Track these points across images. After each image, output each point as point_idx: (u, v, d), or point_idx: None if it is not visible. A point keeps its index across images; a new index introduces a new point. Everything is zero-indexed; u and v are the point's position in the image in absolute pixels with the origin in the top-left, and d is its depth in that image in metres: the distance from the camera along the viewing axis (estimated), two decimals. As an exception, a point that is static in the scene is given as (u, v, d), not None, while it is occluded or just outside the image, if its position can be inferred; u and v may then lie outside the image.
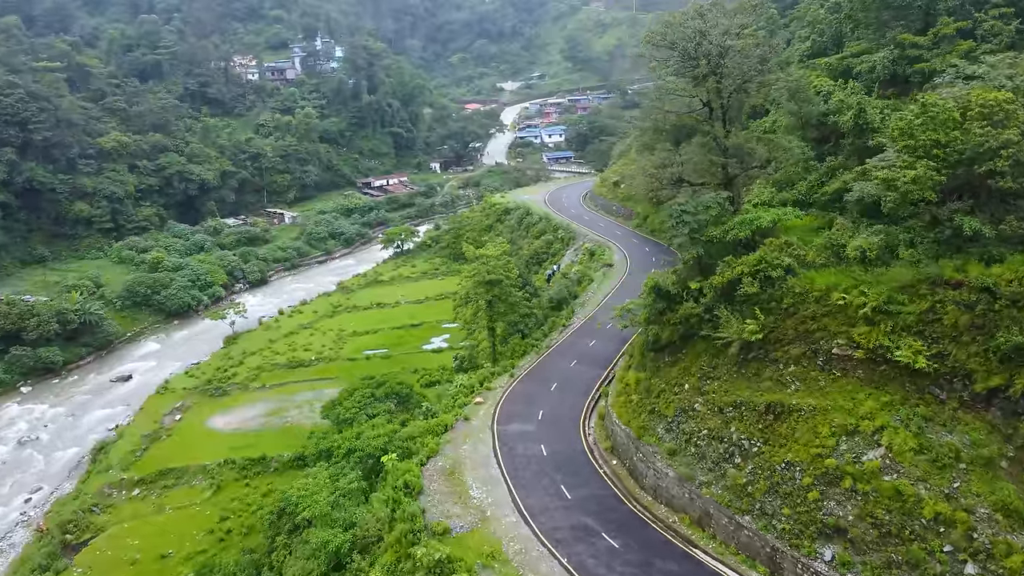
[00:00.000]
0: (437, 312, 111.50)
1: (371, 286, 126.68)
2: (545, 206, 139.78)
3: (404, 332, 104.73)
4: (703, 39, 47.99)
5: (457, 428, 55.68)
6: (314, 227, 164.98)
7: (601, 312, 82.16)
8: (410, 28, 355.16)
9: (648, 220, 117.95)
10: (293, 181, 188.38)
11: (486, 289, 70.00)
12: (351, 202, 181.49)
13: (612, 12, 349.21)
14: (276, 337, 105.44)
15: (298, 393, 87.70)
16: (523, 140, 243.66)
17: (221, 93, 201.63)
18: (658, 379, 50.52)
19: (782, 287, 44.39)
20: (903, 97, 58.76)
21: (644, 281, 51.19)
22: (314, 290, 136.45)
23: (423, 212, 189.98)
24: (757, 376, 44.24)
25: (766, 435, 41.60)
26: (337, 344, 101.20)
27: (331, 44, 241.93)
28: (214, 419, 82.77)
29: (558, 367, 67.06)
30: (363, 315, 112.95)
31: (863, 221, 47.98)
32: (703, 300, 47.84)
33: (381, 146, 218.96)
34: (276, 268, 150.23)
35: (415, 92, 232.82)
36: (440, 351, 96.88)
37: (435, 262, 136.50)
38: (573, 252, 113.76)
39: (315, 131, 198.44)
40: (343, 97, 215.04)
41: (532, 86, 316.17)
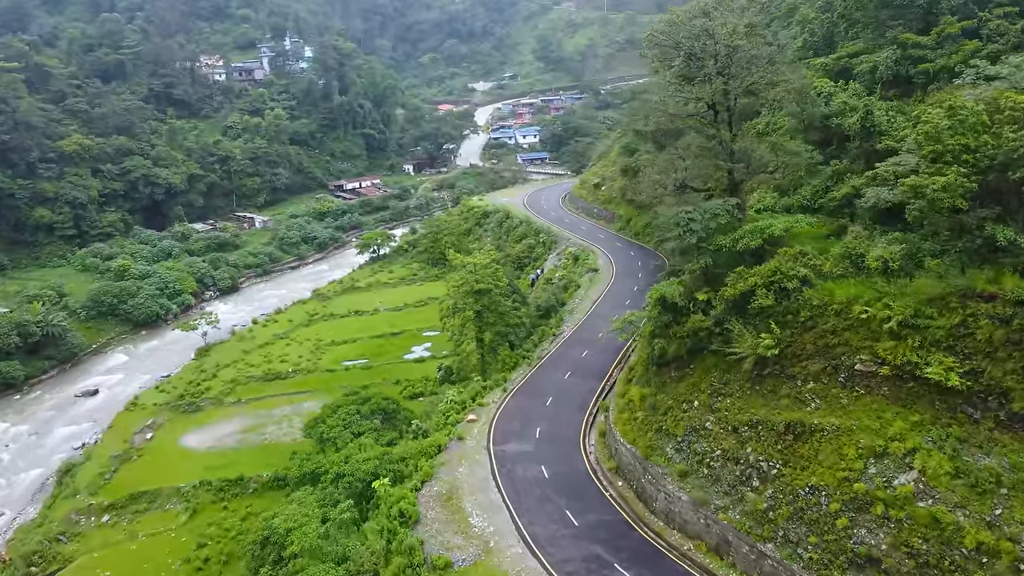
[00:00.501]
0: (417, 319, 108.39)
1: (348, 293, 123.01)
2: (525, 209, 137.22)
3: (384, 341, 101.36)
4: (710, 39, 45.65)
5: (451, 449, 52.82)
6: (286, 231, 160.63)
7: (591, 320, 79.88)
8: (379, 28, 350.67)
9: (631, 223, 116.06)
10: (263, 184, 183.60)
11: (475, 299, 67.15)
12: (323, 205, 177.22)
13: (583, 12, 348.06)
14: (250, 348, 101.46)
15: (276, 408, 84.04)
16: (497, 141, 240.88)
17: (187, 94, 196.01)
18: (664, 395, 48.16)
19: (798, 299, 42.23)
20: (906, 98, 57.11)
21: (648, 292, 48.71)
22: (287, 297, 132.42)
23: (397, 215, 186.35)
24: (773, 393, 42.03)
25: (786, 457, 39.40)
26: (315, 355, 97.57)
27: (300, 44, 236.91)
28: (188, 437, 78.84)
29: (552, 380, 64.48)
30: (340, 324, 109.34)
31: (876, 228, 46.12)
32: (713, 312, 45.55)
33: (353, 148, 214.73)
34: (247, 274, 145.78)
35: (387, 93, 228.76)
36: (422, 361, 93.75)
37: (413, 267, 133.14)
38: (556, 256, 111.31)
39: (285, 133, 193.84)
40: (313, 98, 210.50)
41: (504, 86, 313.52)
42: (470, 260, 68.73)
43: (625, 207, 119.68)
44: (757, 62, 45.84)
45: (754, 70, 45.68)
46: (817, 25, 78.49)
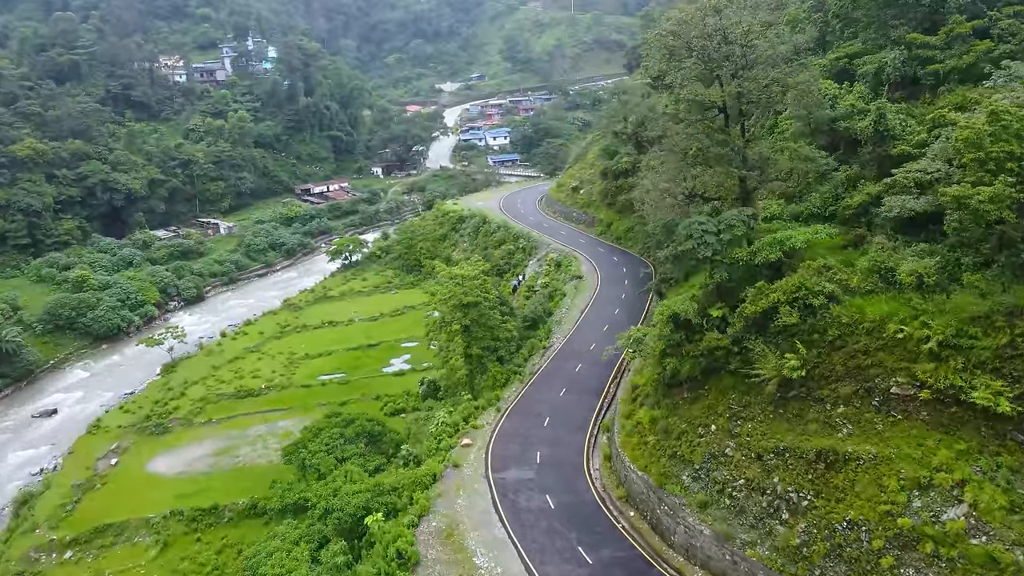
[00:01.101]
0: (395, 330, 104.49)
1: (320, 302, 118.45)
2: (501, 213, 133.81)
3: (360, 353, 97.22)
4: (723, 38, 42.74)
5: (447, 477, 49.30)
6: (252, 238, 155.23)
7: (580, 330, 76.92)
8: (343, 28, 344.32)
9: (612, 228, 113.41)
10: (228, 189, 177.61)
11: (463, 313, 63.62)
12: (291, 210, 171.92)
13: (550, 12, 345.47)
14: (220, 363, 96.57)
15: (250, 427, 79.56)
16: (467, 143, 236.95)
17: (146, 96, 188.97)
18: (677, 418, 45.20)
19: (825, 317, 39.60)
20: (913, 101, 55.02)
21: (657, 309, 45.70)
22: (256, 306, 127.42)
23: (367, 219, 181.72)
24: (799, 418, 39.31)
25: (818, 487, 36.64)
26: (288, 369, 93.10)
27: (263, 44, 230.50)
28: (156, 462, 74.08)
29: (547, 398, 61.27)
30: (314, 335, 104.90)
31: (897, 238, 43.71)
32: (730, 330, 42.72)
33: (320, 150, 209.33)
34: (213, 283, 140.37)
35: (354, 94, 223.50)
36: (402, 374, 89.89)
37: (387, 274, 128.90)
38: (537, 262, 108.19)
39: (249, 135, 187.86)
40: (278, 99, 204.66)
41: (472, 87, 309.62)
42: (457, 272, 65.17)
43: (605, 211, 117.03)
44: (774, 63, 43.04)
45: (771, 71, 42.88)
46: (808, 25, 76.35)
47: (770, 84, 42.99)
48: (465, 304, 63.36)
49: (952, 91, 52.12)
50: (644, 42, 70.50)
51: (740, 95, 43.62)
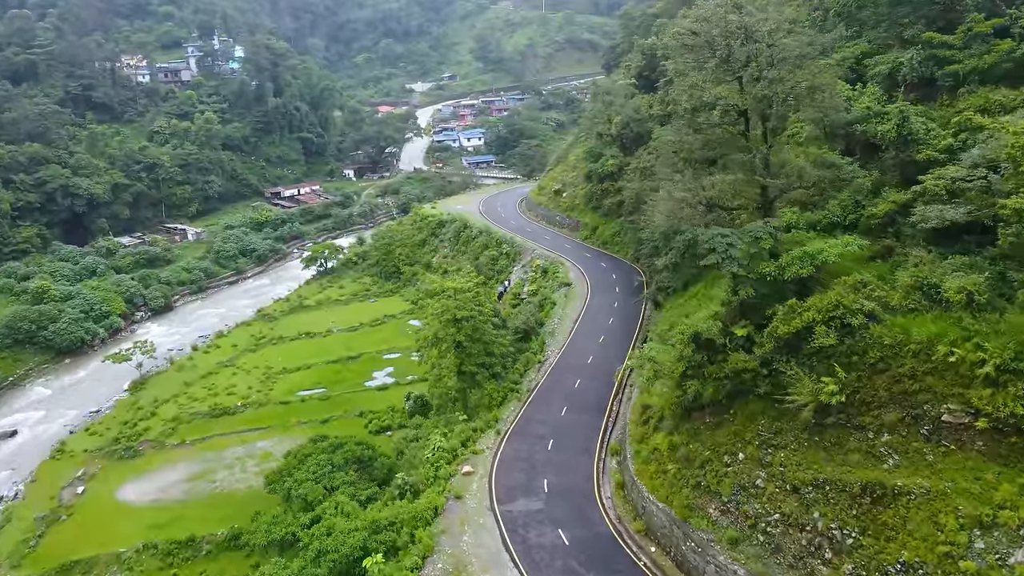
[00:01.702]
0: (375, 340, 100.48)
1: (296, 312, 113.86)
2: (482, 217, 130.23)
3: (341, 366, 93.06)
4: (748, 37, 39.65)
5: (449, 511, 45.69)
6: (222, 244, 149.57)
7: (575, 342, 73.72)
8: (310, 26, 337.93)
9: (598, 232, 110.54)
10: (195, 193, 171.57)
11: (457, 328, 59.97)
12: (261, 215, 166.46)
13: (521, 11, 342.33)
14: (192, 379, 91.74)
15: (226, 449, 75.17)
16: (441, 144, 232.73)
17: (108, 97, 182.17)
18: (699, 445, 42.08)
19: (865, 337, 36.69)
20: (929, 102, 52.53)
21: (679, 327, 42.48)
22: (228, 316, 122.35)
23: (341, 223, 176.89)
24: (838, 446, 36.39)
25: (864, 524, 33.72)
26: (265, 385, 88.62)
27: (230, 43, 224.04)
28: (126, 489, 69.39)
29: (548, 418, 57.93)
30: (291, 347, 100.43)
31: (929, 249, 41.04)
32: (758, 351, 39.68)
33: (290, 153, 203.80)
34: (182, 292, 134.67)
35: (324, 94, 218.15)
36: (386, 388, 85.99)
37: (365, 281, 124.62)
38: (522, 269, 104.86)
39: (217, 138, 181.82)
40: (246, 100, 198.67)
41: (443, 87, 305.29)
42: (450, 284, 61.46)
43: (590, 215, 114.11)
44: (801, 63, 40.05)
45: (797, 72, 39.89)
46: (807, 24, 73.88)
47: (796, 85, 39.93)
48: (458, 319, 59.71)
49: (973, 93, 49.72)
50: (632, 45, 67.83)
51: (764, 98, 40.51)
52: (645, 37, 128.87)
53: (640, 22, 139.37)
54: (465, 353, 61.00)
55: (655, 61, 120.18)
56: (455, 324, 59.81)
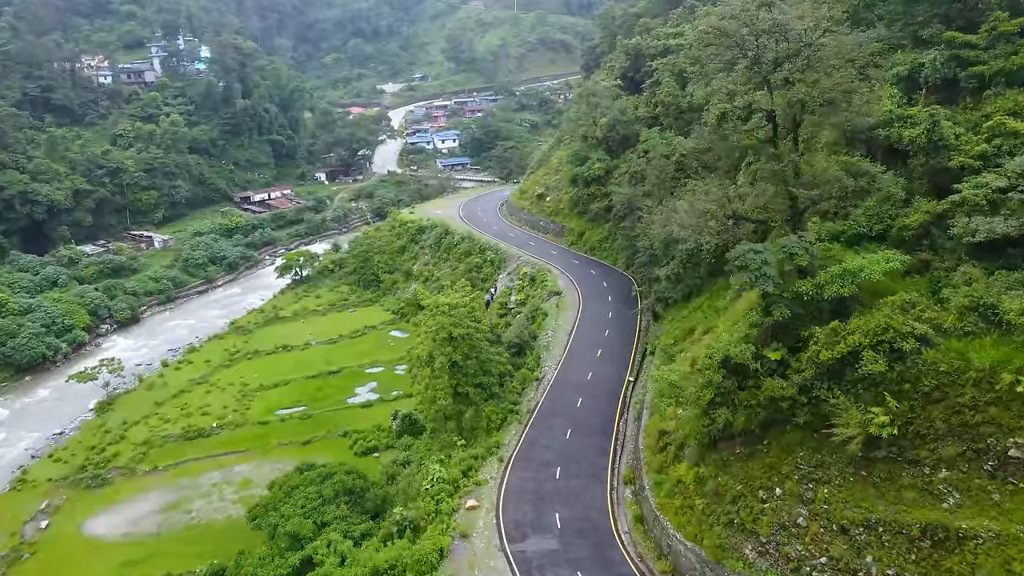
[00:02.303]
0: (356, 353, 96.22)
1: (271, 324, 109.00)
2: (463, 222, 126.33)
3: (321, 382, 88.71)
4: (782, 36, 36.41)
5: (456, 552, 41.96)
6: (190, 251, 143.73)
7: (572, 356, 70.31)
8: (277, 26, 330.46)
9: (584, 238, 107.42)
10: (161, 199, 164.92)
11: (452, 347, 56.16)
12: (231, 220, 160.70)
13: (493, 11, 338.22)
14: (163, 398, 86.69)
15: (203, 475, 70.62)
16: (414, 146, 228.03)
17: (68, 99, 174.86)
18: (729, 478, 38.85)
19: (917, 363, 33.70)
20: (951, 106, 49.94)
21: (707, 352, 39.11)
22: (198, 328, 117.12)
23: (314, 229, 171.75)
24: (890, 482, 33.38)
25: (926, 570, 30.83)
26: (242, 403, 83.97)
27: (195, 43, 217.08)
28: (94, 522, 64.53)
29: (552, 442, 54.44)
30: (267, 362, 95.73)
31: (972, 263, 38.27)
32: (796, 377, 36.52)
33: (259, 156, 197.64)
34: (149, 303, 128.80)
35: (294, 96, 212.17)
36: (370, 405, 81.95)
37: (342, 290, 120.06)
38: (507, 276, 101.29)
39: (183, 141, 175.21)
40: (213, 102, 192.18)
41: (415, 88, 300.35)
42: (444, 300, 57.55)
43: (576, 220, 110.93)
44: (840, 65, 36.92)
45: (835, 74, 36.77)
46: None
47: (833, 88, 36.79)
48: (454, 336, 55.91)
49: (1000, 95, 47.27)
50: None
51: (799, 102, 37.30)
52: (628, 37, 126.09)
53: (622, 22, 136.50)
54: (461, 373, 57.22)
55: (640, 61, 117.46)
56: (450, 342, 55.98)
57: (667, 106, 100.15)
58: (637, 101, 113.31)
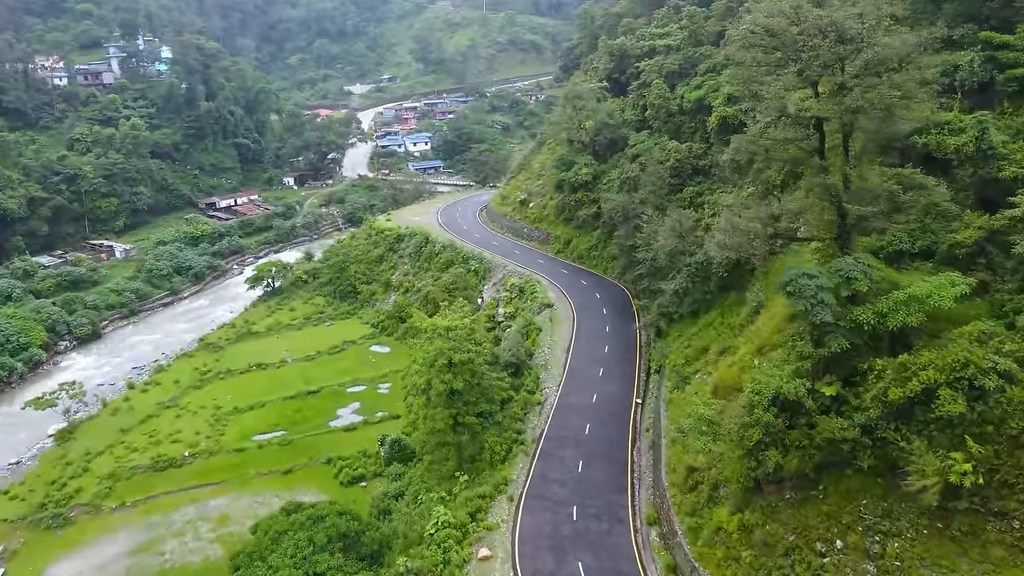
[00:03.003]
0: (336, 371, 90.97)
1: (244, 340, 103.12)
2: (442, 229, 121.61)
3: (300, 403, 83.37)
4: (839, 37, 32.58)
5: (473, 613, 37.50)
6: (154, 262, 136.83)
7: (573, 377, 66.26)
8: (239, 26, 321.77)
9: (571, 246, 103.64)
10: (122, 206, 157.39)
11: (452, 374, 51.62)
12: (196, 228, 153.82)
13: (461, 11, 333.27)
14: (130, 424, 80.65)
15: (175, 510, 65.05)
16: (385, 149, 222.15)
17: (21, 101, 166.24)
18: (779, 526, 34.99)
19: (1001, 403, 30.09)
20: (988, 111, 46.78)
21: (751, 387, 35.15)
22: (164, 343, 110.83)
23: (283, 236, 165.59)
24: (973, 536, 29.77)
25: (1023, 641, 27.08)
26: (215, 429, 78.37)
27: (156, 43, 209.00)
28: (56, 569, 58.66)
29: (563, 475, 50.26)
30: (241, 382, 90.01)
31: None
32: (858, 416, 32.77)
33: (225, 160, 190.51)
34: (111, 317, 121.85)
35: (260, 98, 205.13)
36: (354, 428, 76.83)
37: (318, 302, 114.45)
38: (493, 287, 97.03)
39: (144, 145, 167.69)
40: (175, 104, 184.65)
41: (383, 89, 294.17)
42: (442, 323, 52.99)
43: (562, 227, 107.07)
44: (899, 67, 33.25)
45: (895, 77, 33.09)
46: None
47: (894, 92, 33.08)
48: (453, 363, 51.40)
49: (1043, 100, 44.21)
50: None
51: (855, 110, 33.51)
52: (611, 37, 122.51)
53: (603, 22, 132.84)
54: (461, 401, 52.73)
55: (625, 63, 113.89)
56: (450, 369, 51.45)
57: (657, 109, 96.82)
58: (623, 103, 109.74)
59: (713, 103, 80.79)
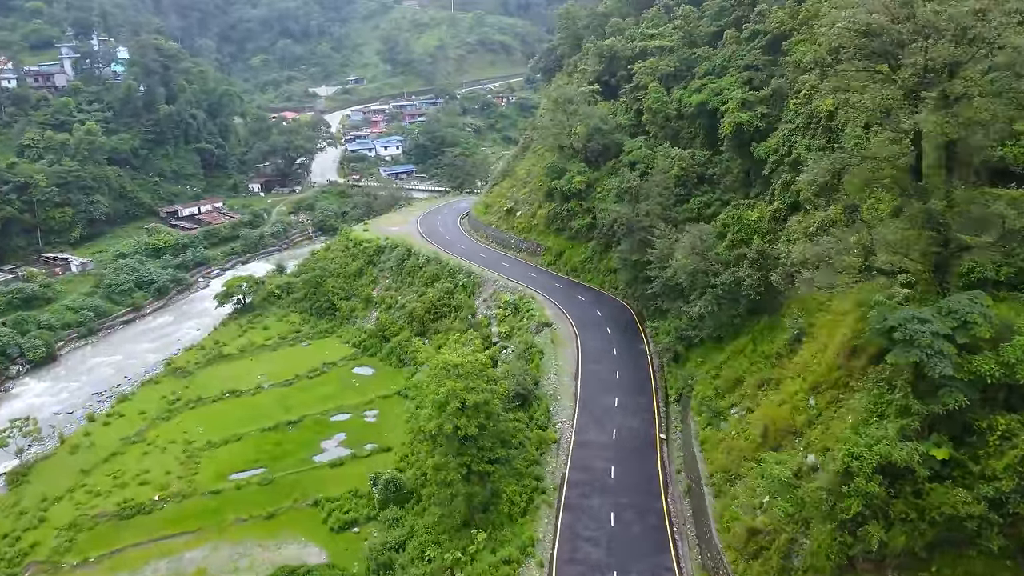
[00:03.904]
0: (318, 397, 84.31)
1: (214, 363, 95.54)
2: (424, 240, 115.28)
3: (280, 435, 76.57)
4: (960, 35, 27.42)
5: None
6: (113, 276, 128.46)
7: (586, 409, 60.76)
8: (199, 26, 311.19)
9: (564, 257, 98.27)
10: (78, 216, 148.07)
11: (466, 418, 45.60)
12: (158, 239, 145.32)
13: (429, 11, 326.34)
14: (91, 463, 73.11)
15: (146, 566, 58.12)
16: (355, 154, 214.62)
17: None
18: (882, 613, 29.70)
19: None
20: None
21: (848, 449, 29.75)
22: (126, 365, 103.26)
23: (251, 246, 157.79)
24: None
25: None
26: (187, 467, 71.25)
27: (112, 43, 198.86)
28: (9, 644, 51.65)
29: (595, 532, 44.66)
30: (214, 412, 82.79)
31: None
32: (983, 487, 27.60)
33: (187, 166, 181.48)
34: (68, 337, 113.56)
35: (223, 100, 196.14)
36: (341, 463, 70.30)
37: (293, 320, 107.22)
38: (484, 304, 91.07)
39: (101, 151, 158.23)
40: (134, 108, 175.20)
41: (350, 91, 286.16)
42: (452, 359, 46.89)
43: (553, 238, 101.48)
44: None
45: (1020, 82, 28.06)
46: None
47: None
48: (467, 405, 45.41)
49: None
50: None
51: (973, 123, 28.38)
52: (598, 38, 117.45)
53: (588, 22, 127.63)
54: (476, 447, 46.76)
55: (615, 64, 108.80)
56: (463, 413, 45.44)
57: (654, 113, 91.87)
58: (615, 107, 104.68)
59: (721, 107, 75.98)
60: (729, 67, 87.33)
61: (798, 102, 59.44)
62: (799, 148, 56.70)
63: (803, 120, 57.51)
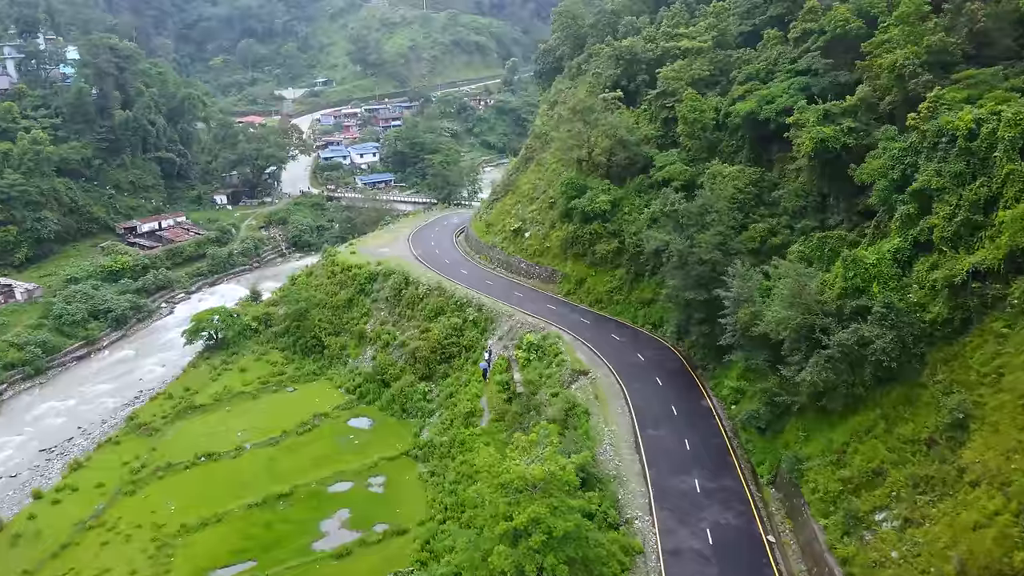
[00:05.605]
0: (311, 459, 71.76)
1: (185, 416, 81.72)
2: (421, 264, 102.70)
3: (270, 514, 63.70)
4: None
5: None
6: (64, 304, 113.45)
7: (663, 494, 49.08)
8: (155, 24, 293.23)
9: (586, 286, 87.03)
10: (23, 235, 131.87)
11: (552, 553, 33.46)
12: (115, 260, 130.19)
13: (399, 10, 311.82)
14: (36, 559, 59.23)
15: None
16: (329, 162, 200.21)
17: None
18: None
19: None
20: None
21: None
22: (80, 414, 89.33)
23: (219, 266, 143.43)
24: None
25: None
26: (158, 562, 57.93)
27: (60, 42, 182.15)
28: None
29: None
30: (187, 481, 69.41)
31: None
32: None
33: (146, 177, 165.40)
34: (10, 379, 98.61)
35: (185, 105, 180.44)
36: (348, 553, 57.84)
37: (275, 359, 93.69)
38: (499, 343, 79.20)
39: (49, 162, 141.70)
40: (86, 113, 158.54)
41: (319, 94, 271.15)
42: (529, 472, 34.67)
43: (572, 264, 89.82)
44: None
45: None
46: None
47: None
48: (553, 536, 33.32)
49: None
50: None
51: None
52: (612, 38, 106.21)
53: (595, 20, 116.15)
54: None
55: (634, 68, 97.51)
56: (548, 546, 33.33)
57: (690, 124, 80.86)
58: (637, 116, 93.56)
59: (786, 119, 65.15)
60: (776, 71, 77.06)
61: (917, 117, 48.75)
62: (926, 174, 45.78)
63: (930, 139, 46.65)
